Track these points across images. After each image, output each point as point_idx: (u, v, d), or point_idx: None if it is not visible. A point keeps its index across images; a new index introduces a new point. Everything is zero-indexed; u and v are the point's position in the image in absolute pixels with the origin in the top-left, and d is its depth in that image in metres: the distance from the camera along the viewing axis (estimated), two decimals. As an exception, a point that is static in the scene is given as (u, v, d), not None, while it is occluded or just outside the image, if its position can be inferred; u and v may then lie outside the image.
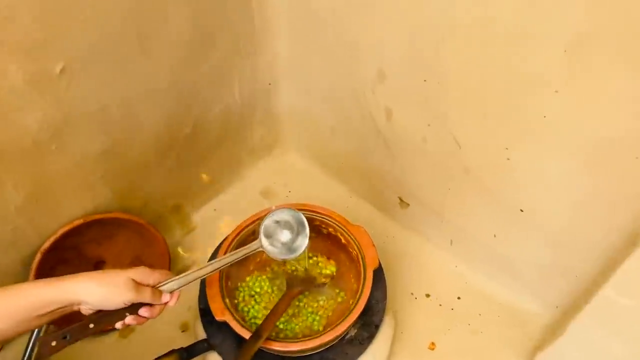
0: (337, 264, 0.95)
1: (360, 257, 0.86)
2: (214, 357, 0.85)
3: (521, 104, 0.75)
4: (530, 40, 0.68)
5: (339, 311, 0.89)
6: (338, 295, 0.93)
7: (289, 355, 0.83)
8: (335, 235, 0.92)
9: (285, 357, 0.84)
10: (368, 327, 0.86)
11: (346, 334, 0.85)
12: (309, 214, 0.89)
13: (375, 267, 0.84)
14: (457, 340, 1.01)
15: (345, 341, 0.85)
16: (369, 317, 0.87)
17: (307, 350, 0.81)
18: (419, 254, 1.15)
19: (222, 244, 0.89)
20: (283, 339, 0.80)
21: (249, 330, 0.77)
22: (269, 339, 0.77)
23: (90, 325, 0.61)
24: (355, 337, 0.85)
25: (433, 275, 1.11)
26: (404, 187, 1.12)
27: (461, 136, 0.89)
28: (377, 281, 0.85)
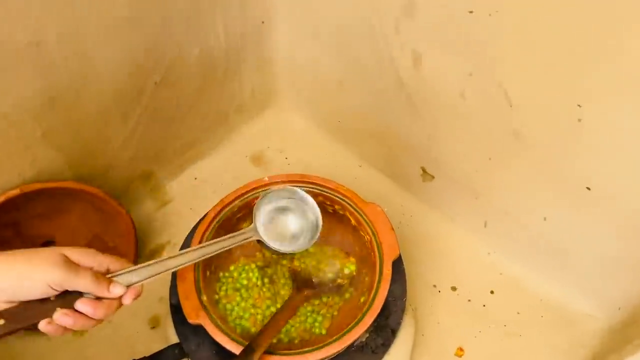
0: (344, 250, 0.89)
1: (376, 244, 0.80)
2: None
3: (613, 46, 0.65)
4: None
5: (346, 310, 0.83)
6: (346, 290, 0.86)
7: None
8: (343, 214, 0.85)
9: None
10: (383, 331, 0.79)
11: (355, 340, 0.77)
12: (310, 187, 0.84)
13: (395, 257, 0.78)
14: (490, 344, 0.95)
15: (353, 349, 0.77)
16: (384, 319, 0.79)
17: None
18: (444, 238, 1.10)
19: (199, 225, 0.81)
20: (276, 347, 0.74)
21: (229, 337, 0.70)
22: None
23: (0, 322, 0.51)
24: (366, 344, 0.78)
25: (461, 264, 1.06)
26: (429, 155, 1.06)
27: (514, 90, 0.81)
28: (394, 273, 0.79)
